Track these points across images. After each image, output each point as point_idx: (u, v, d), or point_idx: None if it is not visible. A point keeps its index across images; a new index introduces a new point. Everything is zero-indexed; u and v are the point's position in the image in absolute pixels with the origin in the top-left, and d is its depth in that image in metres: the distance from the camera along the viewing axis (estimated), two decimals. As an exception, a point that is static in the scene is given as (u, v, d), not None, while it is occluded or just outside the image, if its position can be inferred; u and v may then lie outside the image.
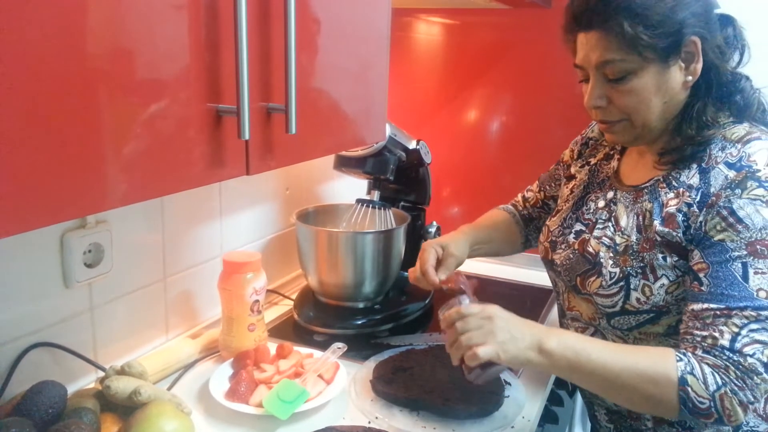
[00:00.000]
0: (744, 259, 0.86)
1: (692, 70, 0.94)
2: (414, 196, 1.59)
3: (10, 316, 0.91)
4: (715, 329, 0.85)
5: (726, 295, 0.86)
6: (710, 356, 0.84)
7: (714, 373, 0.83)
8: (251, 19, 0.68)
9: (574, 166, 1.21)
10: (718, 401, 0.82)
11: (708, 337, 0.85)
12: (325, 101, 0.88)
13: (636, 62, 0.91)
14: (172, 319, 1.22)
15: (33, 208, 0.51)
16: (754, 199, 0.87)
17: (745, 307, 0.84)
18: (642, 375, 0.84)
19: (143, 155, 0.60)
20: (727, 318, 0.85)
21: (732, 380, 0.82)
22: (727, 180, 0.90)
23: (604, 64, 0.93)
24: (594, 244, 1.04)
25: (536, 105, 1.77)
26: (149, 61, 0.59)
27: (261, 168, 0.76)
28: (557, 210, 1.19)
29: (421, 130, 1.79)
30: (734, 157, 0.92)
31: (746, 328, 0.84)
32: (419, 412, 1.02)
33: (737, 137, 0.93)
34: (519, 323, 0.91)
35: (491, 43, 1.79)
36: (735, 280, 0.86)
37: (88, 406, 0.85)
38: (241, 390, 1.01)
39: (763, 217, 0.86)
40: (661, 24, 0.90)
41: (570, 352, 0.87)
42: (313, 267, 1.36)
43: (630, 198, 1.03)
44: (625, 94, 0.94)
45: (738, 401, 0.82)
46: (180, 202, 1.18)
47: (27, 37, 0.48)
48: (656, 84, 0.93)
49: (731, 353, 0.83)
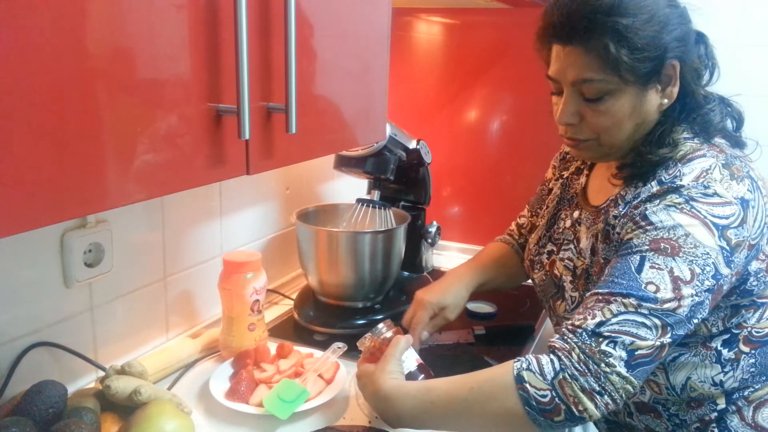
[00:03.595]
0: (644, 252, 0.83)
1: (668, 93, 0.91)
2: (414, 195, 1.59)
3: (10, 316, 0.91)
4: (590, 312, 0.82)
5: (614, 282, 0.83)
6: (560, 341, 0.81)
7: (553, 360, 0.79)
8: (251, 19, 0.68)
9: (551, 181, 1.21)
10: (558, 389, 0.78)
11: (580, 318, 0.82)
12: (325, 101, 0.88)
13: (615, 84, 0.88)
14: (172, 319, 1.22)
15: (33, 208, 0.51)
16: (669, 205, 0.85)
17: (628, 295, 0.81)
18: (482, 392, 0.82)
19: (143, 155, 0.60)
20: (607, 303, 0.81)
21: (573, 364, 0.78)
22: (650, 193, 0.88)
23: (581, 82, 0.90)
24: (559, 266, 1.03)
25: (536, 104, 1.75)
26: (150, 61, 0.59)
27: (261, 168, 0.76)
28: (534, 226, 1.18)
29: (422, 129, 1.79)
30: (669, 175, 0.89)
31: (622, 315, 0.80)
32: (419, 412, 1.02)
33: (681, 155, 0.91)
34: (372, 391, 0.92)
35: (492, 43, 1.79)
36: (628, 270, 0.83)
37: (89, 406, 0.85)
38: (242, 389, 1.01)
39: (675, 219, 0.83)
40: (646, 48, 0.86)
41: (413, 391, 0.88)
42: (314, 267, 1.36)
43: (591, 219, 1.01)
44: (600, 114, 0.91)
45: (579, 387, 0.77)
46: (180, 201, 1.18)
47: (28, 36, 0.48)
48: (632, 106, 0.90)
49: (587, 336, 0.79)
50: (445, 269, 1.76)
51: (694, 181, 0.86)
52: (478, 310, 1.44)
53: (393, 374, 0.92)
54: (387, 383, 0.90)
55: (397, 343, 0.97)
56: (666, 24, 0.88)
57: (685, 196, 0.85)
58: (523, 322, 1.37)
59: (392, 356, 0.95)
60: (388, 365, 0.93)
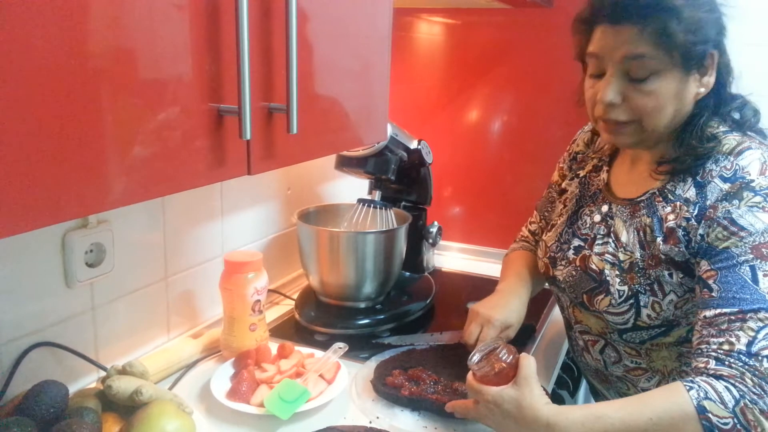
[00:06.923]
0: (751, 262, 0.85)
1: (705, 82, 0.93)
2: (415, 195, 1.59)
3: (11, 316, 0.91)
4: (731, 334, 0.83)
5: (738, 298, 0.84)
6: (724, 366, 0.81)
7: (729, 387, 0.79)
8: (253, 19, 0.68)
9: (564, 182, 1.20)
10: (740, 416, 0.78)
11: (724, 342, 0.83)
12: (326, 101, 0.88)
13: (663, 63, 0.89)
14: (173, 319, 1.22)
15: (34, 208, 0.51)
16: (751, 207, 0.87)
17: (759, 309, 0.82)
18: (662, 423, 0.79)
19: (144, 155, 0.60)
20: (743, 322, 0.82)
21: (749, 389, 0.79)
22: (723, 192, 0.89)
23: (632, 58, 0.89)
24: (596, 261, 1.02)
25: (538, 105, 1.77)
26: (151, 61, 0.59)
27: (262, 168, 0.76)
28: (552, 224, 1.17)
29: (423, 129, 1.79)
30: (729, 170, 0.91)
31: (762, 331, 0.81)
32: (420, 412, 1.02)
33: (728, 149, 0.93)
34: (525, 418, 0.84)
35: (492, 43, 1.79)
36: (745, 283, 0.84)
37: (90, 406, 0.85)
38: (243, 390, 1.01)
39: (763, 221, 0.86)
40: (698, 31, 0.88)
41: (581, 418, 0.81)
42: (315, 267, 1.36)
43: (627, 212, 1.01)
44: (644, 95, 0.91)
45: (759, 410, 0.78)
46: (181, 201, 1.19)
47: (30, 36, 0.48)
48: (675, 90, 0.91)
49: (747, 358, 0.80)
50: (446, 269, 1.76)
51: (761, 175, 0.88)
52: (480, 311, 1.43)
53: (544, 398, 0.85)
54: (545, 409, 0.83)
55: (531, 364, 0.89)
56: (713, 10, 0.90)
57: (762, 194, 0.87)
58: (525, 322, 1.37)
59: (533, 378, 0.87)
60: (536, 388, 0.86)
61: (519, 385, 0.86)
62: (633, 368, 1.06)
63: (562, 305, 1.15)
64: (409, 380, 1.05)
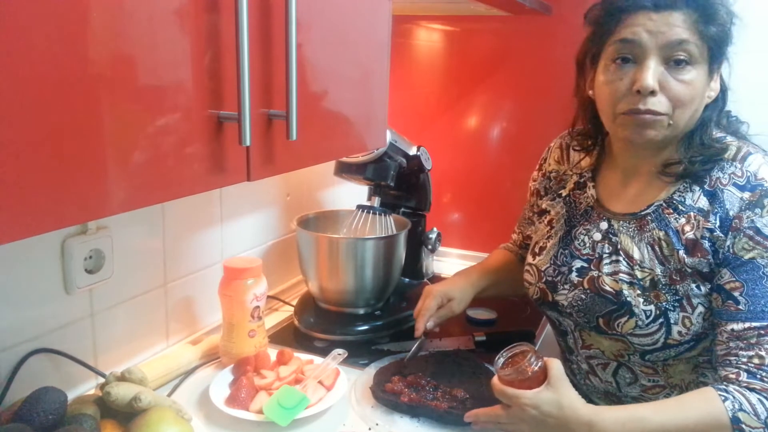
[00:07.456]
0: None
1: (713, 87, 0.94)
2: (414, 202, 1.59)
3: (10, 322, 0.91)
4: (761, 348, 0.84)
5: (767, 312, 0.85)
6: (757, 380, 0.83)
7: (762, 400, 0.81)
8: (252, 26, 0.68)
9: (543, 202, 1.18)
10: None
11: (754, 356, 0.84)
12: (325, 108, 0.89)
13: (699, 52, 0.89)
14: (172, 325, 1.22)
15: (34, 214, 0.51)
16: None
17: None
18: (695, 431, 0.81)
19: (144, 161, 0.60)
20: None
21: None
22: (744, 201, 0.89)
23: (676, 44, 0.88)
24: (609, 281, 0.99)
25: (537, 112, 1.77)
26: (151, 68, 0.59)
27: (262, 174, 0.76)
28: (541, 248, 1.13)
29: (422, 136, 1.80)
30: (740, 177, 0.91)
31: None
32: (420, 419, 1.02)
33: (731, 155, 0.93)
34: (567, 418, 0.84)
35: (492, 50, 1.80)
36: None
37: (89, 413, 0.85)
38: (242, 396, 1.01)
39: None
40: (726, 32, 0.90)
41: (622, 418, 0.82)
42: (314, 273, 1.36)
43: (632, 227, 0.99)
44: (681, 84, 0.90)
45: None
46: (181, 208, 1.19)
47: (31, 43, 0.48)
48: (703, 85, 0.92)
49: None
50: (445, 275, 1.75)
51: None
52: (479, 317, 1.43)
53: (581, 398, 0.86)
54: (585, 408, 0.84)
55: (560, 366, 0.88)
56: (732, 20, 0.92)
57: None
58: (524, 328, 1.37)
59: (566, 379, 0.86)
60: (571, 389, 0.86)
61: (554, 386, 0.85)
62: (650, 387, 1.04)
63: (563, 330, 1.12)
64: (408, 387, 1.05)
